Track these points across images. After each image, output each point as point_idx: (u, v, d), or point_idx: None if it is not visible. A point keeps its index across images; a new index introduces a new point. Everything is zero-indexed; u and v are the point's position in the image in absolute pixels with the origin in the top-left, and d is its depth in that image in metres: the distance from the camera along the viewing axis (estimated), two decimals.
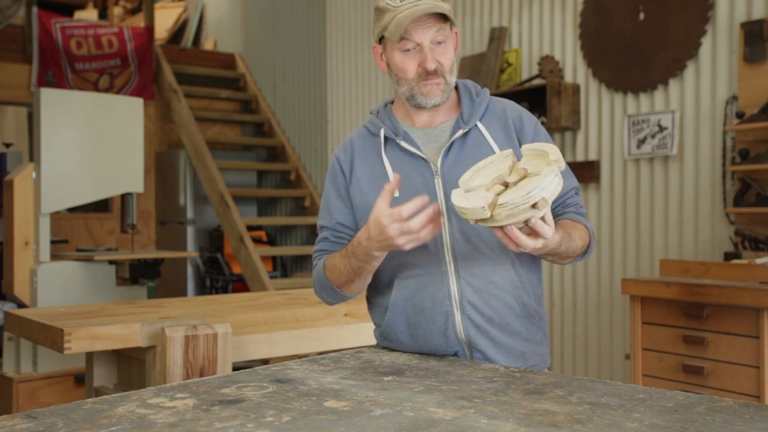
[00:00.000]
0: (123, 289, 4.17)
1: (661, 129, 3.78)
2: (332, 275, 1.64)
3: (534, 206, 1.30)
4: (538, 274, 1.71)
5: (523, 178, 1.37)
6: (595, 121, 4.12)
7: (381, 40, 1.66)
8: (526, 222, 1.33)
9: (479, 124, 1.66)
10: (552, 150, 1.37)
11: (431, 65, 1.60)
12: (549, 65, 4.20)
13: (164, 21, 9.30)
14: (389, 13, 1.59)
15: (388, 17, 1.59)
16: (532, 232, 1.36)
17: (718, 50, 3.57)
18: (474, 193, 1.39)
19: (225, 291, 6.62)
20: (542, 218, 1.35)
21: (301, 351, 2.62)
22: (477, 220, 1.34)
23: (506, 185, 1.38)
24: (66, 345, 2.21)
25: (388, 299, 1.68)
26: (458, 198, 1.39)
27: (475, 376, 1.43)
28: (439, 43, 1.61)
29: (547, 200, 1.30)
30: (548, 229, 1.35)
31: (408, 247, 1.44)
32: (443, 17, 1.59)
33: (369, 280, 1.64)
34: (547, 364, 1.72)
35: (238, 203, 6.54)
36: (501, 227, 1.34)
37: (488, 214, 1.31)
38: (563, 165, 1.35)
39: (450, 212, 1.61)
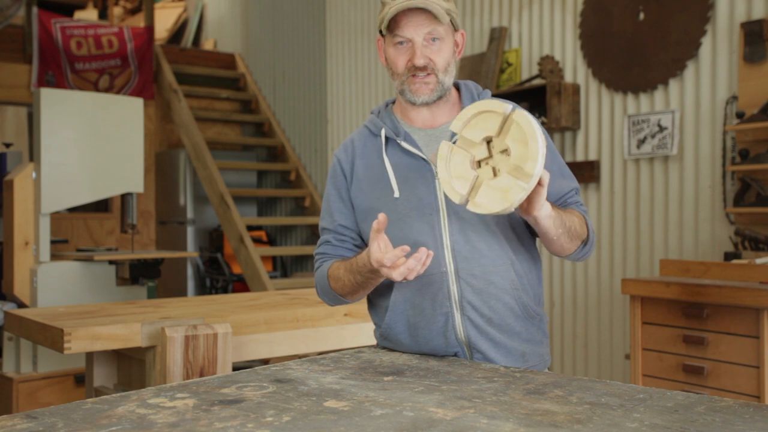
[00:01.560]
0: (123, 289, 4.17)
1: (661, 129, 3.78)
2: (336, 285, 1.67)
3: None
4: (538, 274, 1.71)
5: (488, 141, 1.39)
6: (595, 121, 4.12)
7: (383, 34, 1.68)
8: None
9: None
10: (487, 105, 1.39)
11: (419, 61, 1.60)
12: (549, 65, 4.20)
13: (164, 21, 9.31)
14: (386, 6, 1.61)
15: (385, 10, 1.62)
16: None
17: (718, 50, 3.57)
18: (484, 188, 1.39)
19: (225, 291, 6.62)
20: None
21: (301, 351, 2.62)
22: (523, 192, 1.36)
23: (480, 163, 1.40)
24: (66, 345, 2.21)
25: (388, 300, 1.68)
26: (487, 204, 1.38)
27: (475, 376, 1.43)
28: (434, 40, 1.61)
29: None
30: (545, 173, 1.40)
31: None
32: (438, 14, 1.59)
33: (372, 289, 1.66)
34: (547, 365, 1.72)
35: (238, 203, 6.54)
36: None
37: (529, 186, 1.33)
38: (510, 105, 1.39)
39: (449, 213, 1.61)
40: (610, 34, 4.01)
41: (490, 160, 1.39)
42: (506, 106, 1.37)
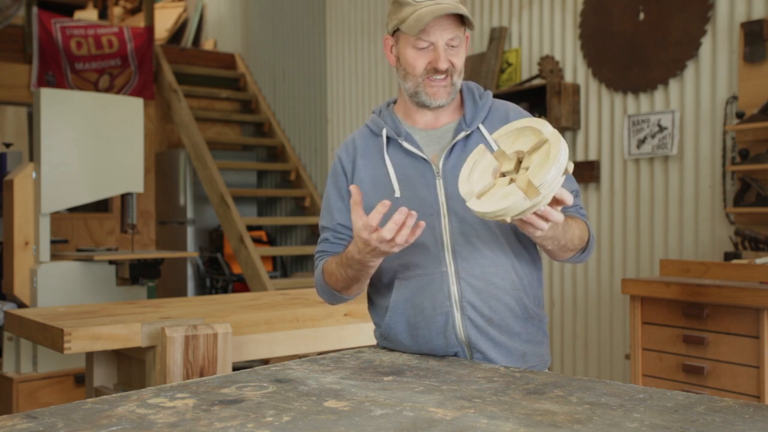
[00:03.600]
0: (123, 289, 4.17)
1: (661, 129, 3.78)
2: (331, 281, 1.66)
3: (565, 172, 1.31)
4: (539, 275, 1.71)
5: (520, 159, 1.36)
6: (595, 121, 4.12)
7: (394, 32, 1.66)
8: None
9: (481, 127, 1.67)
10: (532, 122, 1.37)
11: (443, 65, 1.60)
12: (549, 65, 4.20)
13: (164, 21, 9.30)
14: (409, 7, 1.58)
15: (407, 11, 1.58)
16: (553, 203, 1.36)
17: (718, 50, 3.57)
18: (490, 194, 1.36)
19: (225, 291, 6.61)
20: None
21: (301, 351, 2.61)
22: (514, 216, 1.32)
23: (504, 175, 1.38)
24: (66, 345, 2.21)
25: (388, 300, 1.68)
26: (485, 204, 1.35)
27: (475, 376, 1.43)
28: (453, 46, 1.61)
29: (571, 162, 1.31)
30: (568, 195, 1.35)
31: (396, 250, 1.44)
32: (461, 20, 1.59)
33: (367, 282, 1.66)
34: (547, 365, 1.72)
35: (238, 203, 6.54)
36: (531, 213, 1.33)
37: (530, 202, 1.29)
38: (551, 127, 1.36)
39: (450, 213, 1.61)
40: (610, 34, 4.01)
41: (513, 174, 1.36)
42: (547, 126, 1.35)
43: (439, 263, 1.61)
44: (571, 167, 1.31)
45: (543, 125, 1.36)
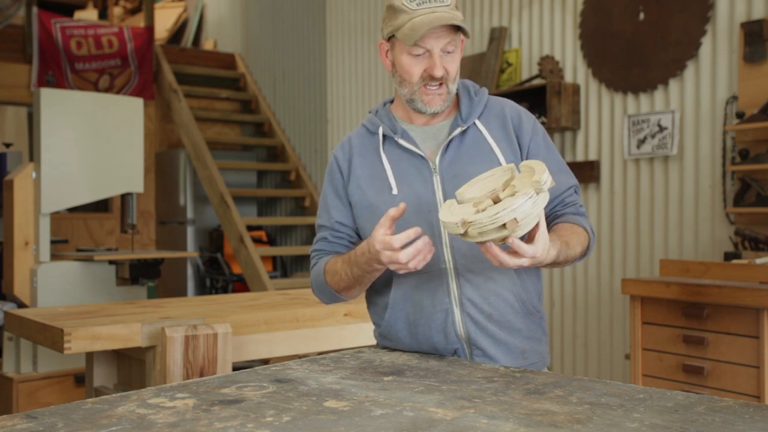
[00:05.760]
0: (123, 289, 4.17)
1: (661, 129, 3.78)
2: (332, 280, 1.66)
3: (504, 227, 1.31)
4: (538, 272, 1.71)
5: (511, 196, 1.37)
6: (595, 121, 4.12)
7: (390, 38, 1.66)
8: (504, 240, 1.35)
9: (477, 122, 1.67)
10: (539, 168, 1.37)
11: (438, 72, 1.60)
12: (549, 65, 4.20)
13: (164, 21, 9.31)
14: (404, 15, 1.58)
15: (402, 18, 1.58)
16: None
17: (718, 50, 3.57)
18: (461, 207, 1.41)
19: (225, 291, 6.61)
20: (533, 234, 1.37)
21: (301, 351, 2.62)
22: (462, 237, 1.37)
23: (497, 201, 1.39)
24: (66, 345, 2.21)
25: (387, 297, 1.68)
26: (443, 211, 1.42)
27: (475, 376, 1.43)
28: (449, 51, 1.61)
29: (518, 221, 1.30)
30: (527, 248, 1.36)
31: (401, 272, 1.48)
32: (456, 27, 1.59)
33: (368, 286, 1.66)
34: (546, 363, 1.72)
35: (238, 203, 6.54)
36: (481, 243, 1.36)
37: (461, 231, 1.34)
38: (548, 183, 1.34)
39: None
40: (610, 34, 4.01)
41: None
42: (538, 183, 1.34)
43: (438, 260, 1.61)
44: (512, 225, 1.30)
45: (538, 178, 1.34)
